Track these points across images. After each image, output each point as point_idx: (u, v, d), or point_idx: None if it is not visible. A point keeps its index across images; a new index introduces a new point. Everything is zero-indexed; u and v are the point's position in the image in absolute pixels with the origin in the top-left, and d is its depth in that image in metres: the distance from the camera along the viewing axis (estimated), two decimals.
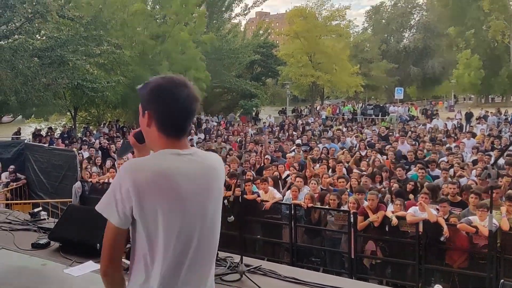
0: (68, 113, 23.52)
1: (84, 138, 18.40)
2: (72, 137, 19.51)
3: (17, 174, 13.09)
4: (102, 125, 24.46)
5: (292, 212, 7.98)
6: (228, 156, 12.62)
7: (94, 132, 21.20)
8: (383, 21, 49.44)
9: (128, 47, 20.40)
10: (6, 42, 16.92)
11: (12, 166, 12.86)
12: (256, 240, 8.54)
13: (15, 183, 12.40)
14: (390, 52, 46.21)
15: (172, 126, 1.88)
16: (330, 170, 10.37)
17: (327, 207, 7.87)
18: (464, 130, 20.15)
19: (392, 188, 8.42)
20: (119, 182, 1.76)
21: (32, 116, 19.81)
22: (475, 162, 11.41)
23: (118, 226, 1.81)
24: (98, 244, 4.91)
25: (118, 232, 1.83)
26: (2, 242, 5.27)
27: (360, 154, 12.96)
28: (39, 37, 18.50)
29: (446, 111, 37.92)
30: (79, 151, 13.50)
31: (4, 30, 16.57)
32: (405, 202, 7.49)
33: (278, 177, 10.00)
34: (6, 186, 12.37)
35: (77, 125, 23.95)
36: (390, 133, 16.77)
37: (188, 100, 1.85)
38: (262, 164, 11.36)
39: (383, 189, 8.87)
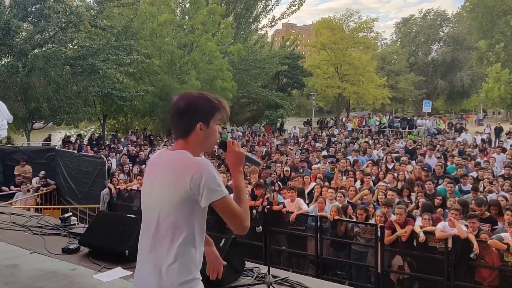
0: (97, 121, 24.00)
1: (112, 145, 18.72)
2: (100, 144, 19.89)
3: (47, 179, 13.37)
4: (130, 133, 24.85)
5: (318, 224, 7.94)
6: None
7: (122, 139, 21.56)
8: (412, 33, 49.02)
9: (156, 57, 20.73)
10: (40, 50, 17.38)
11: (42, 172, 13.13)
12: (281, 251, 8.51)
13: (45, 188, 12.63)
14: (418, 65, 45.70)
15: None
16: (358, 183, 10.29)
17: (354, 219, 7.80)
18: (493, 145, 19.73)
19: (420, 203, 8.29)
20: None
21: (63, 123, 20.23)
22: (504, 178, 11.17)
23: None
24: (127, 251, 4.99)
25: None
26: (33, 246, 5.39)
27: (387, 167, 12.83)
28: (71, 46, 18.96)
29: (475, 125, 37.23)
30: (107, 158, 13.72)
31: (39, 39, 17.02)
32: (433, 216, 7.37)
33: (303, 188, 9.98)
34: (37, 191, 12.62)
35: (105, 132, 24.39)
36: (418, 147, 16.54)
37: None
38: (288, 175, 11.35)
39: (411, 203, 8.76)
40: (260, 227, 5.12)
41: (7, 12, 15.87)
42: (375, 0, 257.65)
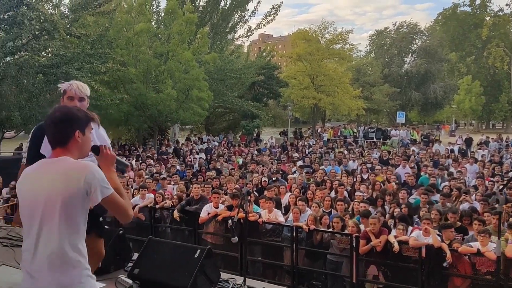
0: None
1: None
2: None
3: None
4: None
5: (294, 234, 7.95)
6: (230, 176, 12.64)
7: None
8: (385, 45, 49.90)
9: (132, 65, 20.56)
10: (12, 58, 17.03)
11: (13, 182, 12.84)
12: (256, 262, 8.49)
13: (16, 199, 12.35)
14: (392, 76, 46.49)
15: None
16: (333, 192, 10.37)
17: (330, 229, 7.84)
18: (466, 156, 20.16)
19: (395, 213, 8.39)
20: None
21: None
22: (476, 188, 11.41)
23: None
24: (100, 263, 4.90)
25: None
26: (2, 258, 5.26)
27: (362, 177, 12.98)
28: (44, 54, 18.65)
29: (447, 136, 38.02)
30: None
31: (11, 47, 16.68)
32: (408, 226, 7.47)
33: (280, 198, 10.00)
34: (7, 201, 12.33)
35: None
36: (391, 157, 16.78)
37: None
38: (266, 185, 11.35)
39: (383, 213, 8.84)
40: (236, 237, 5.12)
41: None
42: (350, 12, 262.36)
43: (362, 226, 7.61)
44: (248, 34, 36.43)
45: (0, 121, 16.67)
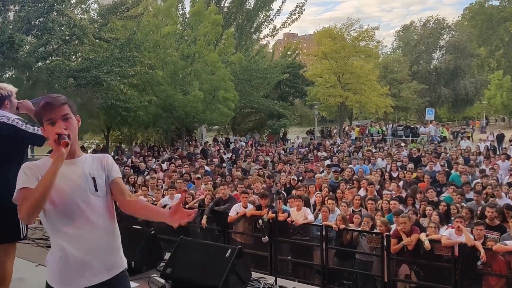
0: (101, 132, 24.07)
1: (116, 157, 18.77)
2: None
3: None
4: (133, 144, 24.92)
5: (323, 233, 7.92)
6: (258, 176, 12.67)
7: (126, 151, 21.61)
8: (412, 42, 49.09)
9: (160, 68, 20.83)
10: (44, 63, 17.46)
11: None
12: (286, 261, 8.48)
13: None
14: (420, 73, 45.69)
15: None
16: (362, 192, 10.28)
17: (359, 229, 7.77)
18: (497, 152, 19.71)
19: (427, 211, 8.26)
20: None
21: None
22: (510, 185, 11.15)
23: None
24: (133, 262, 5.00)
25: None
26: (39, 258, 5.40)
27: (391, 175, 12.84)
28: (75, 59, 19.06)
29: (478, 133, 37.20)
30: None
31: (42, 52, 17.09)
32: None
33: (309, 197, 9.97)
34: None
35: (109, 144, 24.45)
36: (422, 155, 16.53)
37: None
38: (295, 184, 11.34)
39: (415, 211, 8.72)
40: (267, 237, 5.14)
41: (11, 26, 15.98)
42: (378, 9, 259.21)
43: (393, 226, 7.51)
44: (273, 33, 36.51)
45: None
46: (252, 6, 34.00)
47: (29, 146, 4.16)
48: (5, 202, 3.09)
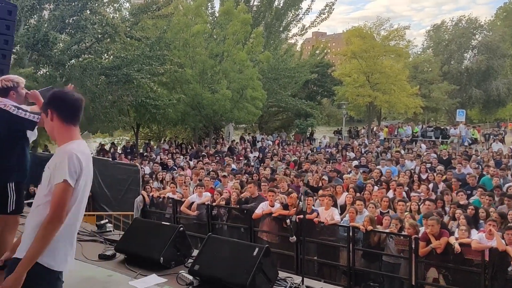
0: (131, 129, 24.47)
1: (145, 154, 19.04)
2: (134, 152, 20.27)
3: None
4: (162, 141, 25.23)
5: (350, 234, 7.88)
6: (284, 175, 12.68)
7: (155, 148, 21.91)
8: (444, 42, 48.11)
9: (189, 66, 21.04)
10: (76, 60, 17.86)
11: None
12: (311, 261, 8.47)
13: None
14: (451, 73, 44.76)
15: None
16: (391, 193, 10.18)
17: (387, 230, 7.71)
18: None
19: (456, 214, 8.13)
20: None
21: (98, 131, 20.74)
22: None
23: None
24: (161, 258, 5.08)
25: None
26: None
27: (420, 177, 12.65)
28: (106, 56, 19.43)
29: (510, 135, 36.24)
30: (141, 166, 13.96)
31: (75, 50, 17.49)
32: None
33: (335, 198, 9.92)
34: None
35: (138, 141, 24.83)
36: (452, 157, 16.23)
37: None
38: (321, 184, 11.31)
39: (445, 214, 8.60)
40: (294, 237, 5.15)
41: (45, 25, 16.40)
42: (408, 8, 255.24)
43: (422, 228, 7.42)
44: (302, 32, 36.37)
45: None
46: (281, 5, 33.92)
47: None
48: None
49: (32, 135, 4.31)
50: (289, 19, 35.05)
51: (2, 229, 4.16)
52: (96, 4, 17.63)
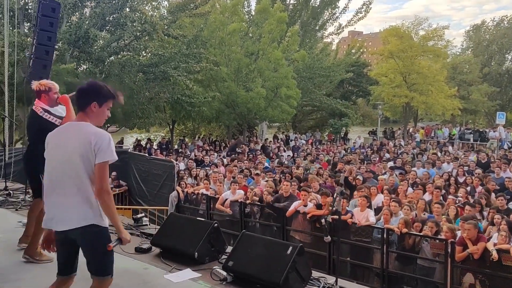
0: (167, 126, 24.86)
1: (180, 150, 19.31)
2: (169, 148, 20.59)
3: (120, 181, 13.96)
4: (196, 138, 25.51)
5: (385, 236, 7.79)
6: (316, 175, 12.60)
7: (189, 144, 22.20)
8: (484, 43, 46.74)
9: (224, 64, 21.20)
10: (116, 57, 18.27)
11: (114, 173, 13.76)
12: (346, 262, 8.41)
13: (117, 189, 13.24)
14: (492, 75, 43.48)
15: None
16: (426, 195, 10.00)
17: (422, 233, 7.58)
18: None
19: (495, 219, 7.91)
20: None
21: (135, 127, 21.17)
22: None
23: None
24: (196, 253, 5.16)
25: None
26: None
27: (457, 180, 12.37)
28: (144, 54, 19.80)
29: None
30: (176, 162, 14.18)
31: (115, 47, 17.90)
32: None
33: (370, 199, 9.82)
34: None
35: (174, 137, 25.20)
36: (491, 161, 15.78)
37: None
38: (360, 184, 11.20)
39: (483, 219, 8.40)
40: (329, 237, 5.14)
41: (87, 22, 16.84)
42: (448, 7, 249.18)
43: (459, 232, 7.27)
44: (338, 31, 36.07)
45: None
46: (318, 3, 33.73)
47: None
48: (30, 169, 4.89)
49: None
50: (325, 17, 34.81)
51: (40, 211, 4.62)
52: (136, 2, 17.99)
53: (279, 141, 24.63)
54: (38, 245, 4.70)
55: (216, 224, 5.55)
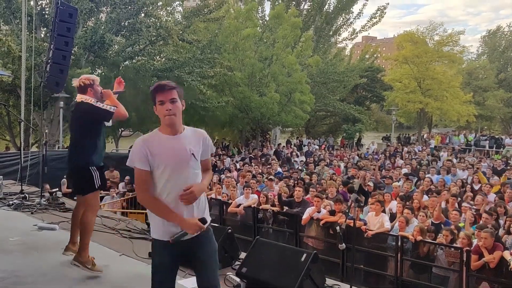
0: None
1: None
2: None
3: (133, 185, 13.99)
4: None
5: (399, 244, 7.71)
6: (331, 180, 12.54)
7: None
8: (500, 48, 46.24)
9: (238, 69, 21.25)
10: (130, 62, 18.41)
11: (127, 177, 13.83)
12: (359, 269, 8.34)
13: (131, 193, 13.28)
14: (508, 81, 43.00)
15: None
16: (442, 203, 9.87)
17: (437, 241, 7.49)
18: None
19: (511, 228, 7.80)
20: None
21: (149, 131, 21.28)
22: None
23: None
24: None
25: None
26: (122, 248, 5.67)
27: (473, 187, 12.22)
28: (159, 59, 19.93)
29: None
30: None
31: (130, 52, 18.04)
32: None
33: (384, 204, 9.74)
34: (123, 195, 13.31)
35: None
36: (509, 167, 15.58)
37: None
38: (371, 190, 11.13)
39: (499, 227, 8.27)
40: (344, 244, 5.10)
41: (102, 27, 17.01)
42: (463, 12, 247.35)
43: (475, 240, 7.17)
44: (352, 36, 36.01)
45: (118, 121, 18.12)
46: (332, 9, 33.72)
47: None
48: (82, 163, 4.61)
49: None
50: (339, 23, 34.80)
51: (85, 210, 4.69)
52: (151, 8, 18.12)
53: (292, 146, 24.60)
54: (88, 251, 4.63)
55: (229, 230, 5.52)
